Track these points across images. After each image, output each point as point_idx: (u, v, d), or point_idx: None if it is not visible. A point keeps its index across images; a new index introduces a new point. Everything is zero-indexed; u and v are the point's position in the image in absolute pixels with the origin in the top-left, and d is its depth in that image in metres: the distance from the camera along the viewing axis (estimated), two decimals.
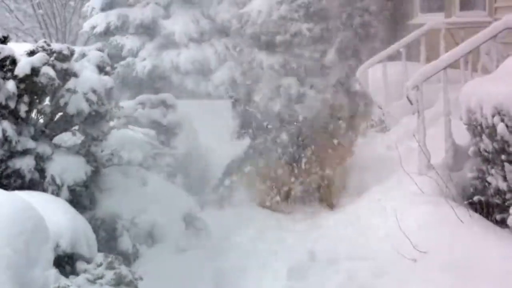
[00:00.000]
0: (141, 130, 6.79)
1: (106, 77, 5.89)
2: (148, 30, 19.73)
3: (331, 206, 8.70)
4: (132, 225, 6.04)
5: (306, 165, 9.25)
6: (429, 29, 10.47)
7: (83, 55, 18.09)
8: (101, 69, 6.02)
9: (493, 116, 5.98)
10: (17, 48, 5.91)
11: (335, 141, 9.10)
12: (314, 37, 14.55)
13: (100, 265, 4.42)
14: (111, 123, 6.46)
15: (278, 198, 9.17)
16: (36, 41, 9.92)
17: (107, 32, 19.86)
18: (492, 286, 4.92)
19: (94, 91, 5.54)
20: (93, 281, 4.24)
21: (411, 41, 10.57)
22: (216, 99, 17.57)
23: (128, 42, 19.62)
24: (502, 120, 5.87)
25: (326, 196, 8.86)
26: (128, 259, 5.93)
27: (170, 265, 5.98)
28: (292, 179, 9.33)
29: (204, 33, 19.76)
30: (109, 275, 4.29)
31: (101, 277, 4.29)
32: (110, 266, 4.38)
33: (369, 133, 10.39)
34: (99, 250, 5.23)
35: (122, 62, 19.46)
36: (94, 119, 5.68)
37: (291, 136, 9.64)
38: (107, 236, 5.91)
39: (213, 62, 19.13)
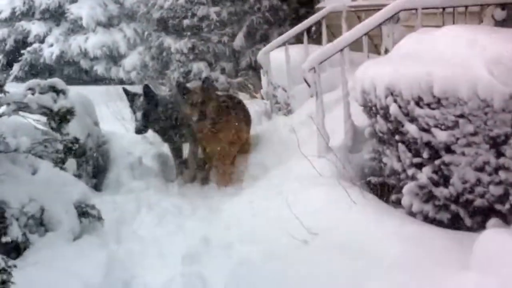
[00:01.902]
0: (32, 116, 6.59)
1: None
2: (54, 15, 19.48)
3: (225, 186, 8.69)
4: (21, 214, 5.86)
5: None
6: (329, 12, 10.49)
7: None
8: None
9: (386, 97, 6.00)
10: None
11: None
12: (222, 21, 14.57)
13: None
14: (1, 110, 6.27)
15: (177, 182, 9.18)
16: None
17: (13, 18, 19.55)
18: (382, 266, 4.92)
19: None
20: None
21: (313, 24, 10.58)
22: (128, 84, 17.40)
23: (35, 27, 19.37)
24: (395, 101, 5.90)
25: (222, 176, 8.76)
26: (18, 248, 5.77)
27: (62, 253, 5.84)
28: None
29: (113, 17, 19.62)
30: None
31: None
32: None
33: (274, 117, 10.38)
34: None
35: (29, 48, 19.23)
36: None
37: None
38: None
39: (123, 47, 19.01)
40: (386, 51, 8.64)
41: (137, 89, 10.05)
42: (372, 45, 10.06)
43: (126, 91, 9.06)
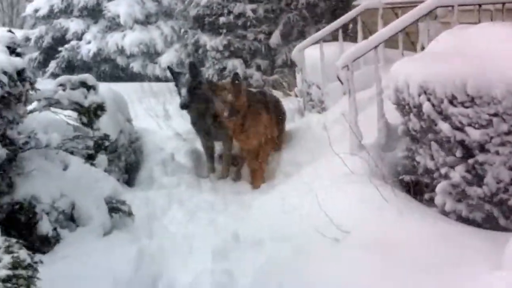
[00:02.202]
0: (63, 112, 6.62)
1: (17, 58, 5.67)
2: (92, 12, 19.58)
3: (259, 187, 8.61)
4: (52, 209, 5.90)
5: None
6: (365, 9, 10.39)
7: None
8: (12, 50, 5.81)
9: (419, 95, 5.95)
10: None
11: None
12: (258, 18, 14.54)
13: None
14: (31, 106, 6.30)
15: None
16: None
17: (51, 15, 19.68)
18: (413, 265, 4.88)
19: (4, 73, 5.35)
20: None
21: (348, 22, 10.51)
22: (164, 81, 17.47)
23: (73, 25, 19.47)
24: (428, 99, 5.85)
25: (257, 176, 8.72)
26: (49, 243, 5.80)
27: (92, 248, 5.86)
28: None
29: (150, 15, 19.66)
30: (7, 258, 4.16)
31: None
32: (8, 250, 4.25)
33: (307, 114, 10.34)
34: (19, 235, 5.16)
35: (67, 46, 19.32)
36: (9, 101, 5.50)
37: None
38: (26, 221, 5.75)
39: (160, 44, 19.03)
40: (423, 48, 8.57)
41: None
42: (408, 42, 9.97)
43: (171, 70, 9.13)
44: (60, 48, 19.45)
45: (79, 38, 19.41)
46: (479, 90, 5.35)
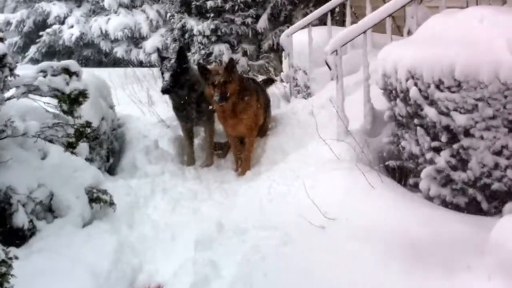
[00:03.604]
0: (42, 99, 6.46)
1: None
2: None
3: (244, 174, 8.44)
4: (29, 200, 5.74)
5: None
6: None
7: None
8: None
9: (407, 80, 5.94)
10: None
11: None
12: (247, 2, 14.39)
13: None
14: (9, 92, 6.14)
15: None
16: None
17: None
18: (400, 253, 4.88)
19: None
20: None
21: (337, 5, 10.36)
22: (147, 67, 17.30)
23: (55, 8, 19.28)
24: (415, 84, 5.84)
25: (243, 164, 8.58)
26: (24, 235, 5.66)
27: (69, 239, 5.73)
28: None
29: None
30: None
31: None
32: None
33: (292, 99, 10.24)
34: None
35: (49, 30, 19.14)
36: None
37: None
38: (1, 212, 5.60)
39: (145, 28, 18.89)
40: (409, 33, 8.48)
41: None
42: (395, 26, 9.85)
43: (160, 53, 8.97)
44: (41, 33, 19.25)
45: (62, 22, 19.22)
46: (466, 74, 5.34)
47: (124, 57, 18.84)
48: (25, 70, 6.37)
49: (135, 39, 18.98)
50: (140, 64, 18.47)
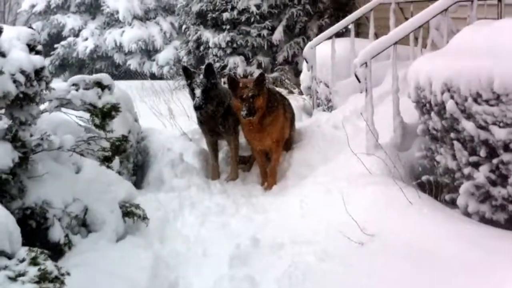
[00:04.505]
0: (75, 113, 6.42)
1: (36, 57, 5.48)
2: (90, 8, 19.41)
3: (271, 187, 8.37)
4: (64, 214, 5.68)
5: None
6: (378, 3, 10.18)
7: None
8: (31, 48, 5.60)
9: (442, 93, 5.84)
10: None
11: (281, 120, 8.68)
12: (262, 14, 14.41)
13: (22, 261, 4.09)
14: (42, 106, 6.09)
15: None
16: None
17: (48, 11, 19.48)
18: (441, 270, 4.78)
19: (22, 72, 5.15)
20: (14, 279, 3.90)
21: (360, 17, 10.32)
22: (159, 79, 17.30)
23: (70, 21, 19.29)
24: (452, 97, 5.72)
25: (269, 178, 8.51)
26: (61, 249, 5.58)
27: (105, 254, 5.65)
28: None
29: (149, 11, 19.48)
30: (33, 271, 3.96)
31: (23, 274, 3.96)
32: (33, 262, 4.05)
33: (314, 112, 10.19)
34: (29, 241, 4.92)
35: (63, 42, 19.15)
36: (23, 102, 5.30)
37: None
38: (37, 226, 5.54)
39: (159, 41, 18.89)
40: (433, 44, 8.45)
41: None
42: (414, 37, 9.82)
43: (185, 69, 8.92)
44: (56, 45, 19.26)
45: (76, 35, 19.22)
46: (506, 87, 5.19)
47: (137, 69, 18.82)
48: (57, 83, 6.33)
49: (149, 52, 18.97)
50: (153, 76, 18.43)
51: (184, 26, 16.08)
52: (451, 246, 5.05)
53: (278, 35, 14.52)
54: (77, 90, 6.30)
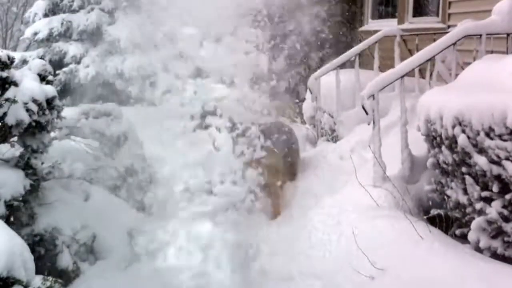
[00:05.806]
0: (83, 141, 6.42)
1: (48, 86, 5.52)
2: (92, 36, 19.38)
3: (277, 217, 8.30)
4: (73, 241, 5.69)
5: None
6: (383, 36, 10.19)
7: (23, 62, 17.69)
8: (42, 77, 5.64)
9: (453, 126, 5.77)
10: None
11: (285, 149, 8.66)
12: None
13: None
14: (52, 134, 6.09)
15: None
16: None
17: (50, 38, 19.45)
18: None
19: (35, 101, 5.18)
20: None
21: (365, 49, 10.32)
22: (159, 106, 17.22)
23: (72, 48, 19.22)
24: (463, 131, 5.65)
25: (274, 207, 8.45)
26: (69, 277, 5.57)
27: (113, 282, 5.65)
28: None
29: (150, 39, 19.47)
30: None
31: None
32: None
33: (319, 142, 10.15)
34: (37, 268, 4.88)
35: (65, 69, 19.05)
36: (35, 130, 5.32)
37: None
38: (46, 253, 5.53)
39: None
40: (438, 76, 8.43)
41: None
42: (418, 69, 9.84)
43: None
44: (57, 72, 19.26)
45: (78, 62, 19.22)
46: None
47: (138, 96, 18.80)
48: (67, 111, 6.34)
49: (150, 78, 18.97)
50: (151, 103, 18.38)
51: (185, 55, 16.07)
52: (462, 282, 4.97)
53: (279, 64, 14.52)
54: (86, 118, 6.33)
